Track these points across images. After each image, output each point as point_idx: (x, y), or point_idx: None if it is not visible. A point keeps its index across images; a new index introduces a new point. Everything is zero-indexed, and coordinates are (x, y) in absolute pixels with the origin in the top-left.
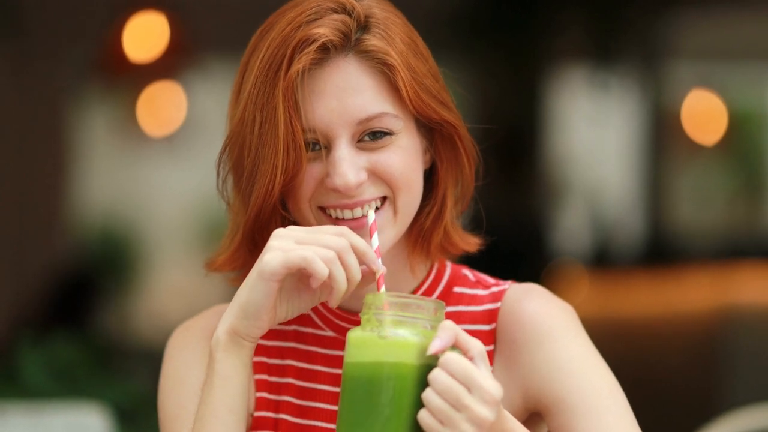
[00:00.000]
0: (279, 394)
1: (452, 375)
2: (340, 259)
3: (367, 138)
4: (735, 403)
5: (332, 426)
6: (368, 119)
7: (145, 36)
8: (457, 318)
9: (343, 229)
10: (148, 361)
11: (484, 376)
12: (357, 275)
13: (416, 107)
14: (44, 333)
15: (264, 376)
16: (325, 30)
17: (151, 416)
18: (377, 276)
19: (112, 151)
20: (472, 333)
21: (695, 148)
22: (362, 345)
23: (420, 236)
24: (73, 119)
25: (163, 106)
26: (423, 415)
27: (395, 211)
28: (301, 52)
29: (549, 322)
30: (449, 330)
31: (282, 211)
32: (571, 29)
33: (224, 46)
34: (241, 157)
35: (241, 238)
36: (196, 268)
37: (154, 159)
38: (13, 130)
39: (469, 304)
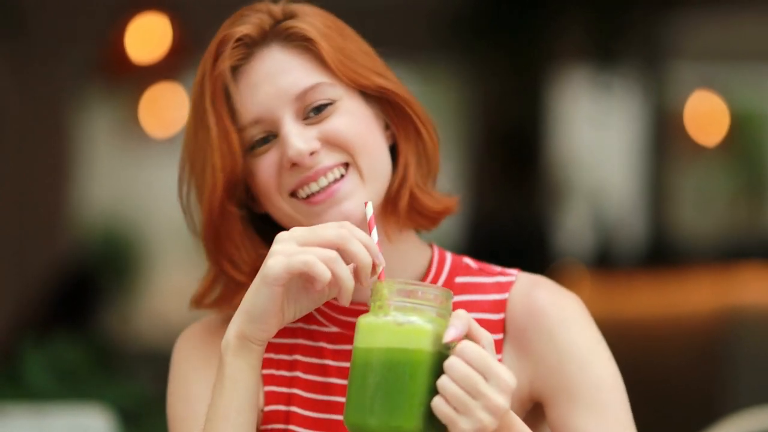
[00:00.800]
0: (289, 387)
1: (469, 363)
2: (345, 249)
3: (311, 114)
4: (737, 404)
5: None
6: (304, 92)
7: (146, 37)
8: (464, 307)
9: (344, 222)
10: (151, 362)
11: (499, 365)
12: (365, 259)
13: (346, 75)
14: (47, 334)
15: (272, 371)
16: (242, 27)
17: (153, 417)
18: (378, 270)
19: (114, 152)
20: (479, 321)
21: (697, 149)
22: (375, 331)
23: (389, 203)
24: (74, 120)
25: (164, 107)
26: (438, 402)
27: (360, 174)
28: (223, 50)
29: (560, 312)
30: (464, 319)
31: (232, 208)
32: (574, 30)
33: None
34: (194, 167)
35: (208, 262)
36: (198, 270)
37: (156, 160)
38: (15, 130)
39: (474, 293)
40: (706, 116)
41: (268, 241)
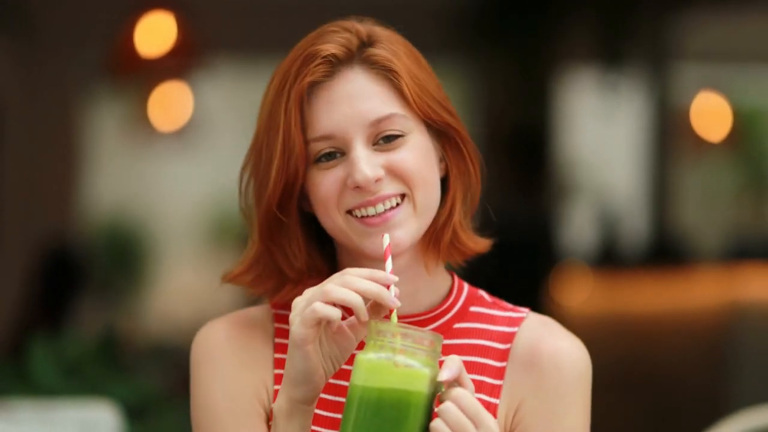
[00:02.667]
0: None
1: (463, 410)
2: (333, 300)
3: (381, 141)
4: (741, 402)
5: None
6: (379, 120)
7: (155, 36)
8: (474, 334)
9: (345, 270)
10: (158, 358)
11: (488, 415)
12: (353, 300)
13: (421, 109)
14: (54, 331)
15: (282, 371)
16: (329, 46)
17: (160, 413)
18: (394, 311)
19: (122, 150)
20: (486, 348)
21: (702, 148)
22: (376, 371)
23: (432, 236)
24: (82, 118)
25: (172, 104)
26: None
27: (414, 207)
28: (308, 66)
29: (560, 372)
30: (457, 363)
31: (280, 215)
32: (580, 31)
33: (232, 47)
34: (258, 163)
35: (260, 254)
36: (205, 265)
37: (164, 157)
38: (24, 128)
39: (485, 322)
40: (711, 116)
41: (318, 242)
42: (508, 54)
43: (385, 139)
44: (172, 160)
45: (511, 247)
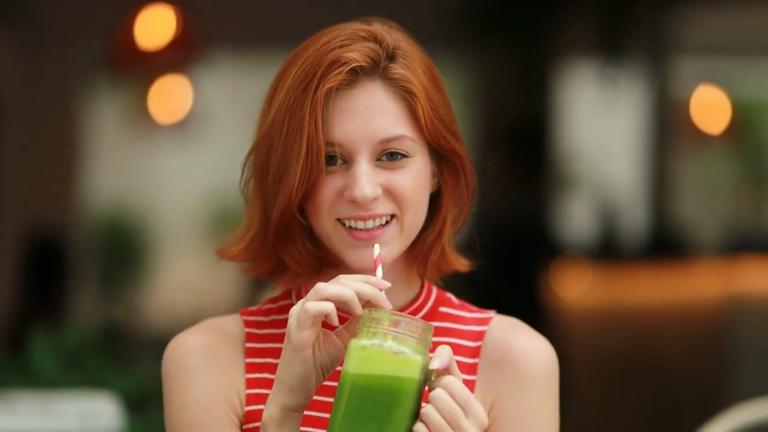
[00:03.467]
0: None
1: (453, 397)
2: (327, 297)
3: (384, 158)
4: (740, 394)
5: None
6: (388, 140)
7: (155, 29)
8: (445, 333)
9: (338, 277)
10: (157, 350)
11: (477, 403)
12: (346, 294)
13: (431, 134)
14: (54, 323)
15: (256, 375)
16: (356, 55)
17: (160, 405)
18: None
19: (122, 143)
20: (458, 346)
21: (701, 141)
22: (368, 358)
23: (420, 254)
24: (82, 110)
25: (172, 97)
26: (419, 428)
27: (401, 229)
28: (333, 72)
29: (531, 369)
30: (448, 352)
31: (301, 218)
32: (580, 24)
33: (232, 40)
34: (267, 161)
35: (261, 239)
36: (205, 258)
37: (164, 149)
38: (24, 120)
39: (454, 322)
40: (710, 109)
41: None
42: (507, 47)
43: (389, 155)
44: (172, 152)
45: (510, 240)
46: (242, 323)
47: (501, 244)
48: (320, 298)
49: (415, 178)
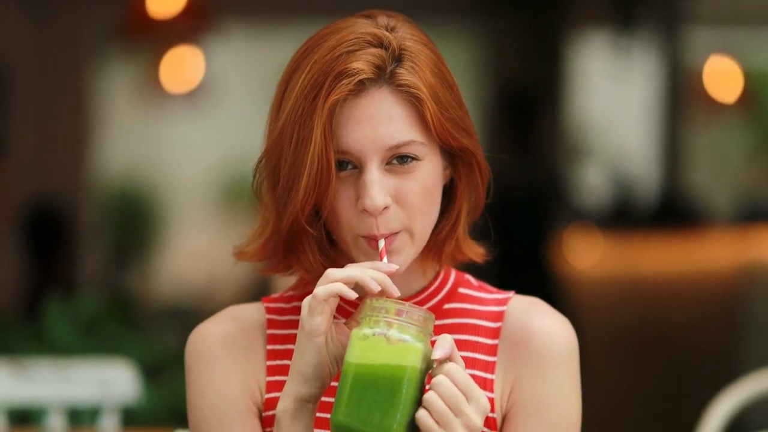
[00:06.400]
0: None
1: (455, 383)
2: (338, 279)
3: (395, 161)
4: (753, 362)
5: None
6: (398, 146)
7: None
8: (464, 314)
9: (349, 266)
10: (170, 319)
11: (479, 389)
12: (359, 276)
13: (440, 136)
14: (68, 292)
15: (277, 362)
16: (362, 65)
17: (173, 371)
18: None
19: (133, 113)
20: (478, 327)
21: (714, 110)
22: (370, 347)
23: (434, 246)
24: (94, 80)
25: (184, 67)
26: (422, 414)
27: (411, 236)
28: (339, 83)
29: (551, 348)
30: (450, 341)
31: (310, 230)
32: None
33: (244, 10)
34: (277, 168)
35: (275, 241)
36: (217, 228)
37: (176, 119)
38: (36, 89)
39: (473, 303)
40: (722, 78)
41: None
42: (521, 16)
43: (399, 159)
44: (183, 122)
45: (522, 209)
46: (264, 310)
47: (513, 213)
48: (329, 282)
49: (424, 183)
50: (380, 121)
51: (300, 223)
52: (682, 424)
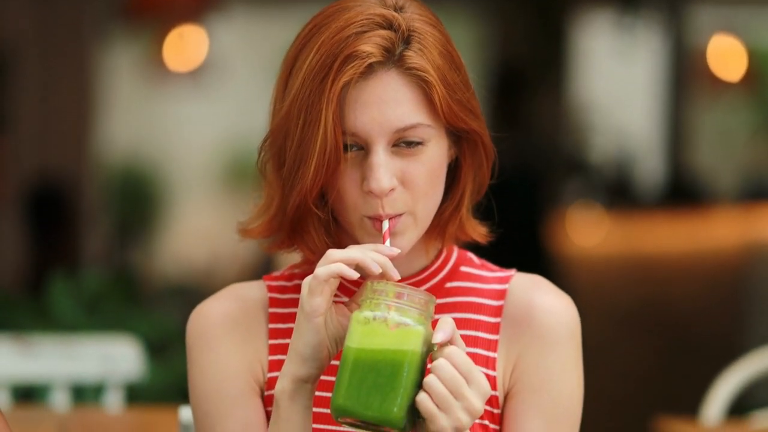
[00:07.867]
0: None
1: (456, 366)
2: (339, 260)
3: (402, 144)
4: (758, 340)
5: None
6: (405, 129)
7: None
8: (466, 292)
9: (350, 247)
10: (174, 298)
11: (480, 373)
12: (358, 257)
13: (448, 118)
14: (72, 269)
15: (280, 341)
16: (371, 48)
17: (177, 348)
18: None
19: (137, 92)
20: (480, 305)
21: (718, 88)
22: (370, 331)
23: (438, 225)
24: (97, 59)
25: (188, 46)
26: (423, 398)
27: (414, 218)
28: (348, 65)
29: (555, 326)
30: (451, 324)
31: (316, 211)
32: None
33: None
34: (283, 150)
35: (279, 219)
36: (220, 207)
37: (180, 98)
38: (38, 68)
39: (475, 281)
40: (726, 57)
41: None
42: None
43: (405, 143)
44: (187, 101)
45: (527, 188)
46: (265, 288)
47: (517, 191)
48: (330, 262)
49: (429, 166)
50: (388, 104)
51: (307, 205)
52: (686, 403)
